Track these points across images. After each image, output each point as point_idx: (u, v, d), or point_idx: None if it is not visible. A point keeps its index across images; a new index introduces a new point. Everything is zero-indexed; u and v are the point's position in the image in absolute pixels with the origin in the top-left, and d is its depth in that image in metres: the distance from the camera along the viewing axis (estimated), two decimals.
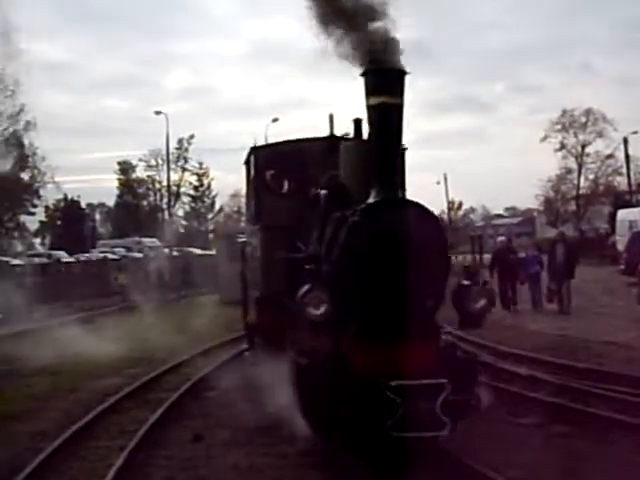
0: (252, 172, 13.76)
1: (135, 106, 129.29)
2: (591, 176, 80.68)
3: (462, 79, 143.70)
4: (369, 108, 9.48)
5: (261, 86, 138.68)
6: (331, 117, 13.19)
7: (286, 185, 14.02)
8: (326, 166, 11.59)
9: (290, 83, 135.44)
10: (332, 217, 10.07)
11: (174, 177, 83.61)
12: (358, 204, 9.59)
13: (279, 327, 11.13)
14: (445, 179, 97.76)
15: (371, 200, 9.44)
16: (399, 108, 9.44)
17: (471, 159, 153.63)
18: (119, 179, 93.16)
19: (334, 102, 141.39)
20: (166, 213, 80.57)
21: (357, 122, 11.49)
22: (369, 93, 9.42)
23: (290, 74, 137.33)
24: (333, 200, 10.53)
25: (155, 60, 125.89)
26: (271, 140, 15.25)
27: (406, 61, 9.40)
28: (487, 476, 8.68)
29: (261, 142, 14.65)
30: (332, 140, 12.44)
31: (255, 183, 13.57)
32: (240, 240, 17.92)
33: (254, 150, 13.60)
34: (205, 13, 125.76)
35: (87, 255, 58.62)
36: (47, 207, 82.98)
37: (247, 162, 14.41)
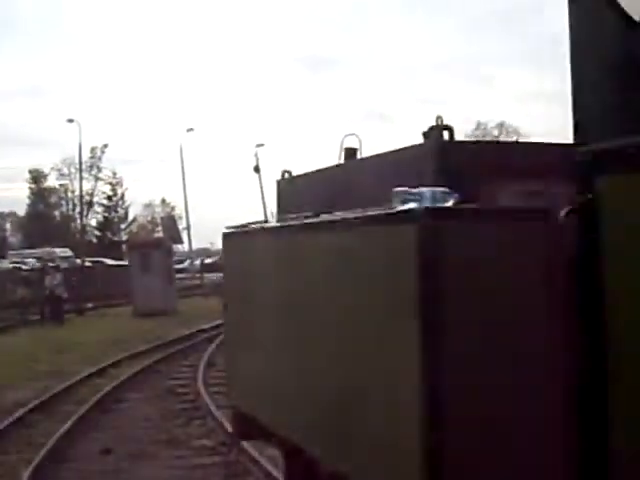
0: None
1: (45, 113, 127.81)
2: None
3: (369, 94, 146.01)
4: None
5: (168, 95, 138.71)
6: None
7: None
8: None
9: (198, 93, 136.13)
10: None
11: (87, 186, 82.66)
12: None
13: None
14: None
15: None
16: None
17: None
18: (30, 188, 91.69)
19: (244, 113, 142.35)
20: (78, 223, 79.59)
21: None
22: None
23: (197, 84, 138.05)
24: None
25: (56, 67, 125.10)
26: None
27: (309, 74, 9.10)
28: None
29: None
30: None
31: None
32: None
33: None
34: None
35: None
36: None
37: None
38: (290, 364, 5.08)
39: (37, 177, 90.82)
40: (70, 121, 66.03)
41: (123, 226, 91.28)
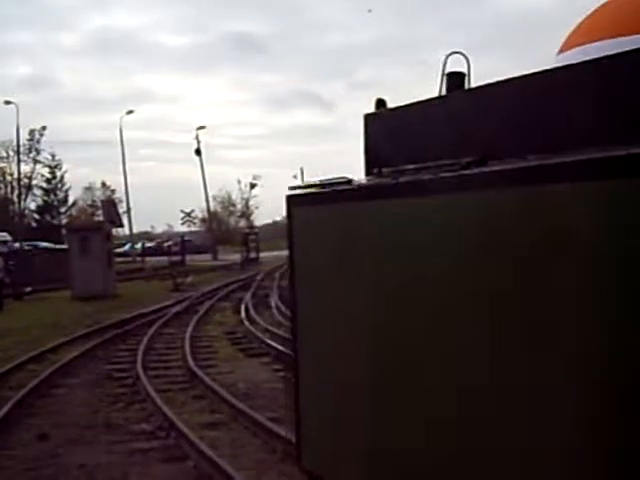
0: None
1: None
2: None
3: (301, 76, 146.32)
4: None
5: (104, 78, 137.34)
6: None
7: None
8: None
9: (134, 75, 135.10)
10: None
11: (26, 169, 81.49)
12: None
13: None
14: (302, 173, 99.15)
15: None
16: None
17: (325, 155, 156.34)
18: None
19: (182, 95, 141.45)
20: (17, 206, 78.42)
21: None
22: None
23: (133, 67, 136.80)
24: None
25: None
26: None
27: (243, 56, 8.48)
28: None
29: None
30: None
31: None
32: None
33: None
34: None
35: None
36: None
37: None
38: (423, 415, 3.22)
39: None
40: (7, 103, 65.11)
41: (63, 209, 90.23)
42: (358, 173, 3.94)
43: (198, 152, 79.89)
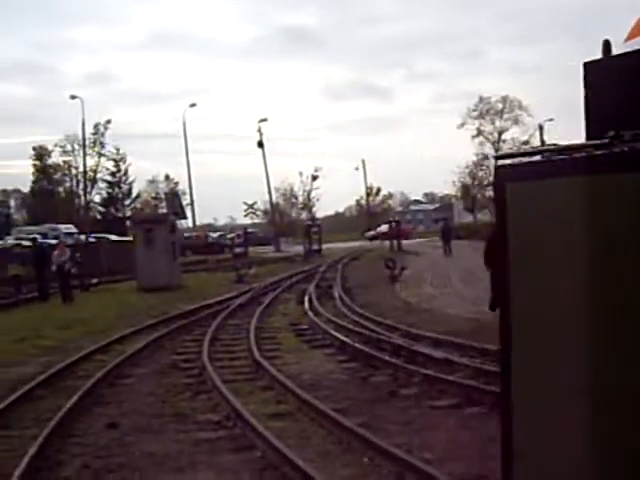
0: None
1: (42, 91, 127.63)
2: None
3: (359, 68, 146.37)
4: None
5: (165, 72, 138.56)
6: None
7: None
8: None
9: (194, 69, 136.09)
10: None
11: (90, 163, 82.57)
12: None
13: None
14: (363, 165, 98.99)
15: None
16: None
17: (386, 146, 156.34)
18: (34, 165, 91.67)
19: (243, 88, 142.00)
20: (82, 199, 79.50)
21: None
22: None
23: (193, 61, 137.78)
24: None
25: (53, 46, 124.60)
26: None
27: (302, 48, 8.34)
28: (401, 458, 8.76)
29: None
30: None
31: None
32: None
33: None
34: None
35: (1, 242, 57.48)
36: None
37: None
38: None
39: (41, 154, 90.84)
40: (73, 97, 66.04)
41: (127, 202, 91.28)
42: (424, 162, 3.57)
43: (260, 144, 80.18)
